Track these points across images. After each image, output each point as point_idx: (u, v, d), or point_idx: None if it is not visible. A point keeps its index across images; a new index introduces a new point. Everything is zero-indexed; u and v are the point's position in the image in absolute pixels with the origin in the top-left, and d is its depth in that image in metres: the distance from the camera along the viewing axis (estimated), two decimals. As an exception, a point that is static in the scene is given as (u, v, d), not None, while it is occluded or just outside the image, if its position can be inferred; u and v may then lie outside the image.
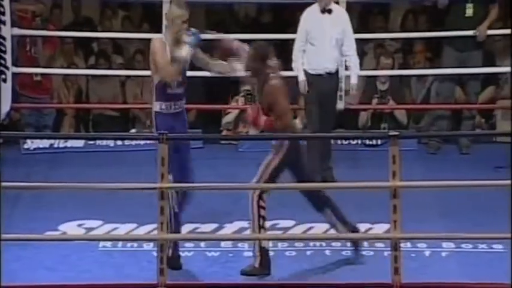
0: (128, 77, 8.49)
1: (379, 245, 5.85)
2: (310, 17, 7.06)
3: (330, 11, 6.98)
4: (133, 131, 8.21)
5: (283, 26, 8.79)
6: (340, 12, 7.07)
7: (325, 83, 6.97)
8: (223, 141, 8.01)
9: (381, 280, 5.14)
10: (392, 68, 8.28)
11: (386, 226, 5.72)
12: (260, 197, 5.53)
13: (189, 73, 7.47)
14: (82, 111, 8.51)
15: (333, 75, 7.02)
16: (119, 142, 7.75)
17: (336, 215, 5.65)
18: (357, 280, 5.30)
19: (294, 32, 9.08)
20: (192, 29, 5.68)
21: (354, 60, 7.04)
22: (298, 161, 5.54)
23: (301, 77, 7.01)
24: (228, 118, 8.24)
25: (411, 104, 8.35)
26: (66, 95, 8.50)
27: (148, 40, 7.39)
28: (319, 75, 6.98)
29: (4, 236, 5.44)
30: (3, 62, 7.51)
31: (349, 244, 5.74)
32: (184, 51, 5.52)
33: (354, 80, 7.05)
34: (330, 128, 7.12)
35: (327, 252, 5.87)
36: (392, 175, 5.05)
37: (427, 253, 5.80)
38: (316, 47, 6.98)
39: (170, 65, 5.49)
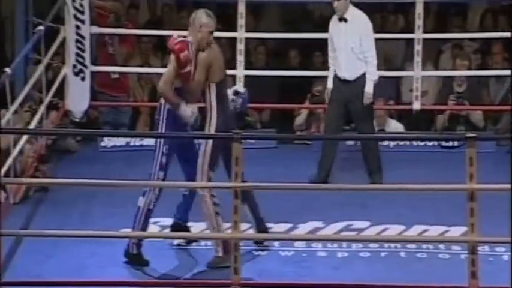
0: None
1: (456, 248, 5.78)
2: (331, 25, 7.07)
3: (345, 20, 6.91)
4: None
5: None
6: (357, 20, 6.93)
7: (347, 88, 6.94)
8: (297, 141, 7.98)
9: (458, 283, 5.05)
10: (469, 70, 8.14)
11: (463, 229, 5.63)
12: (212, 194, 5.60)
13: (264, 72, 7.51)
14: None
15: (352, 82, 6.91)
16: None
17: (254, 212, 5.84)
18: (432, 283, 5.22)
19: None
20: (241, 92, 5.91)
21: (369, 67, 6.92)
22: (226, 146, 5.51)
23: (328, 85, 7.06)
24: (299, 120, 8.22)
25: (489, 105, 8.20)
26: (140, 93, 8.58)
27: (221, 39, 7.42)
28: (343, 80, 6.96)
29: (80, 232, 5.54)
30: (81, 60, 7.61)
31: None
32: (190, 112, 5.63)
33: (367, 89, 6.91)
34: (366, 128, 6.98)
35: (402, 254, 5.81)
36: (469, 177, 4.96)
37: (505, 257, 5.69)
38: (335, 55, 6.97)
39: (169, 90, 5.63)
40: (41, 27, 7.15)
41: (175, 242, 5.92)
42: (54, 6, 7.63)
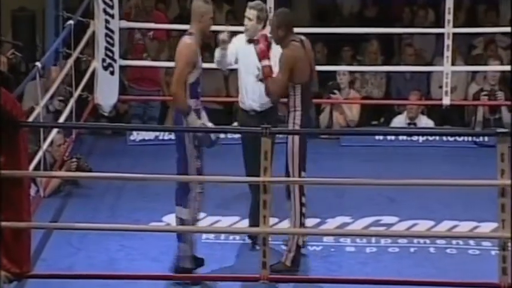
0: (232, 70, 8.52)
1: (486, 244, 5.74)
2: (238, 45, 5.87)
3: (257, 42, 5.64)
4: (235, 124, 8.25)
5: (388, 20, 8.68)
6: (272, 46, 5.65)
7: (254, 122, 5.68)
8: (323, 136, 7.97)
9: (488, 280, 5.01)
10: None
11: (493, 225, 5.59)
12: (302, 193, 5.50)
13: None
14: (186, 104, 8.59)
15: (261, 114, 5.82)
16: (222, 135, 7.76)
17: None
18: (462, 279, 5.18)
19: (400, 26, 8.92)
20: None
21: None
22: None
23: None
24: (324, 116, 8.21)
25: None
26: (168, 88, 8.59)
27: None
28: (249, 112, 5.87)
29: (110, 225, 5.56)
30: (111, 54, 7.63)
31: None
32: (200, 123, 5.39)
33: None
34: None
35: (432, 249, 5.78)
36: (500, 173, 4.92)
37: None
38: (241, 80, 5.89)
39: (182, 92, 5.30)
40: (71, 22, 7.18)
41: (204, 236, 5.94)
42: (84, 0, 7.66)
